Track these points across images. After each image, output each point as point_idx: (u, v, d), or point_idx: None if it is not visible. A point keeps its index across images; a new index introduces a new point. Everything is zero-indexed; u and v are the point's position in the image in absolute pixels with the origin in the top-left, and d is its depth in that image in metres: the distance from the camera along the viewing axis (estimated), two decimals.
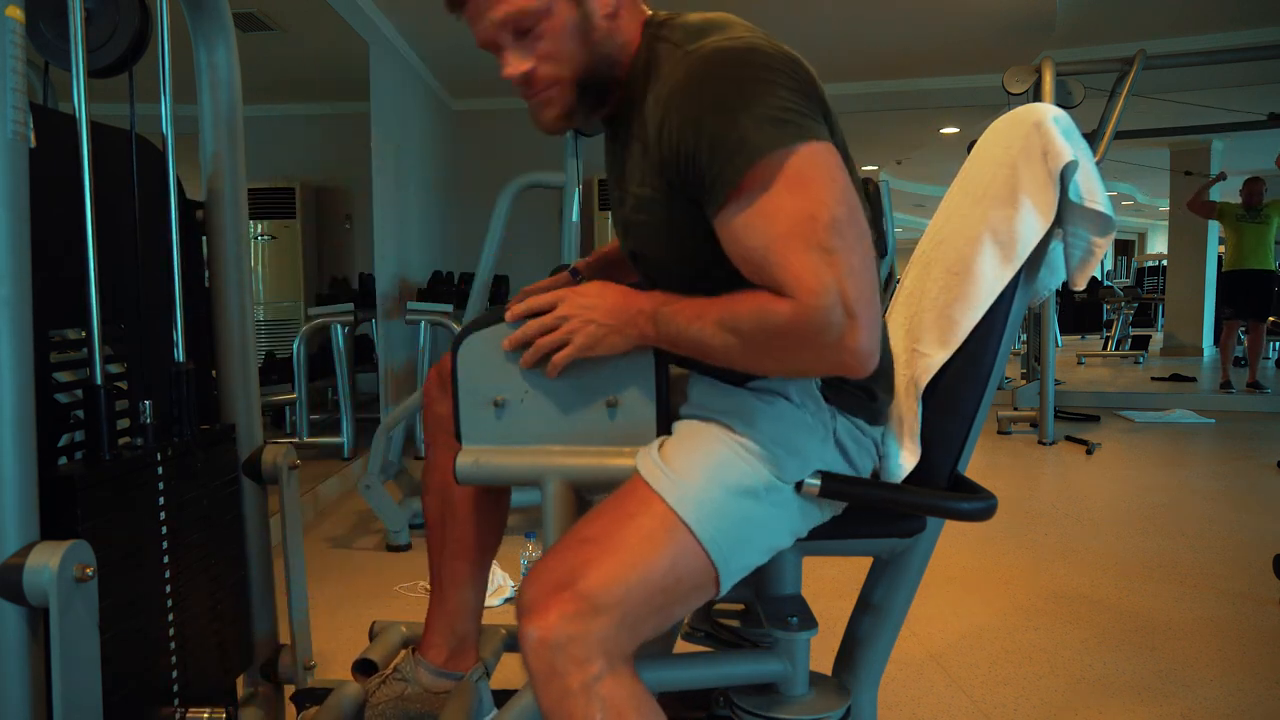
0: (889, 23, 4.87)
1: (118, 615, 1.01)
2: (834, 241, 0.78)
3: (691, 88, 0.83)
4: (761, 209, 0.80)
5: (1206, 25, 5.16)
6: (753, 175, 0.79)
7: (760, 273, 0.81)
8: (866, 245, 0.80)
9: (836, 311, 0.77)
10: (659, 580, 0.84)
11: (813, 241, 0.78)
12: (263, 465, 1.33)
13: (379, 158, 4.50)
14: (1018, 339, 7.10)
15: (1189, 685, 1.82)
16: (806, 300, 0.77)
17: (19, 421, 0.84)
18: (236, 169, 1.33)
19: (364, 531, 3.09)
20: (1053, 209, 0.97)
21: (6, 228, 0.83)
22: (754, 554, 0.92)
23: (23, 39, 0.84)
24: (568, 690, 0.79)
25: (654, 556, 0.84)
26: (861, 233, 0.81)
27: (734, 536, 0.88)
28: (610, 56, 0.92)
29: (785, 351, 0.82)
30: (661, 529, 0.86)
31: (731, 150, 0.80)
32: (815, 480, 0.93)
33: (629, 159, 0.96)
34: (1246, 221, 6.00)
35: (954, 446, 1.02)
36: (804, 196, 0.79)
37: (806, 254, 0.78)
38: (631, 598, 0.82)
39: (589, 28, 0.90)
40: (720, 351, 0.86)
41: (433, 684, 1.19)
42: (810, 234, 0.78)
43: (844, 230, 0.79)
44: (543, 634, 0.79)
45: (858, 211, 0.82)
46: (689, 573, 0.86)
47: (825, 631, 1.15)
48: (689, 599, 0.89)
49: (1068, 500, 3.42)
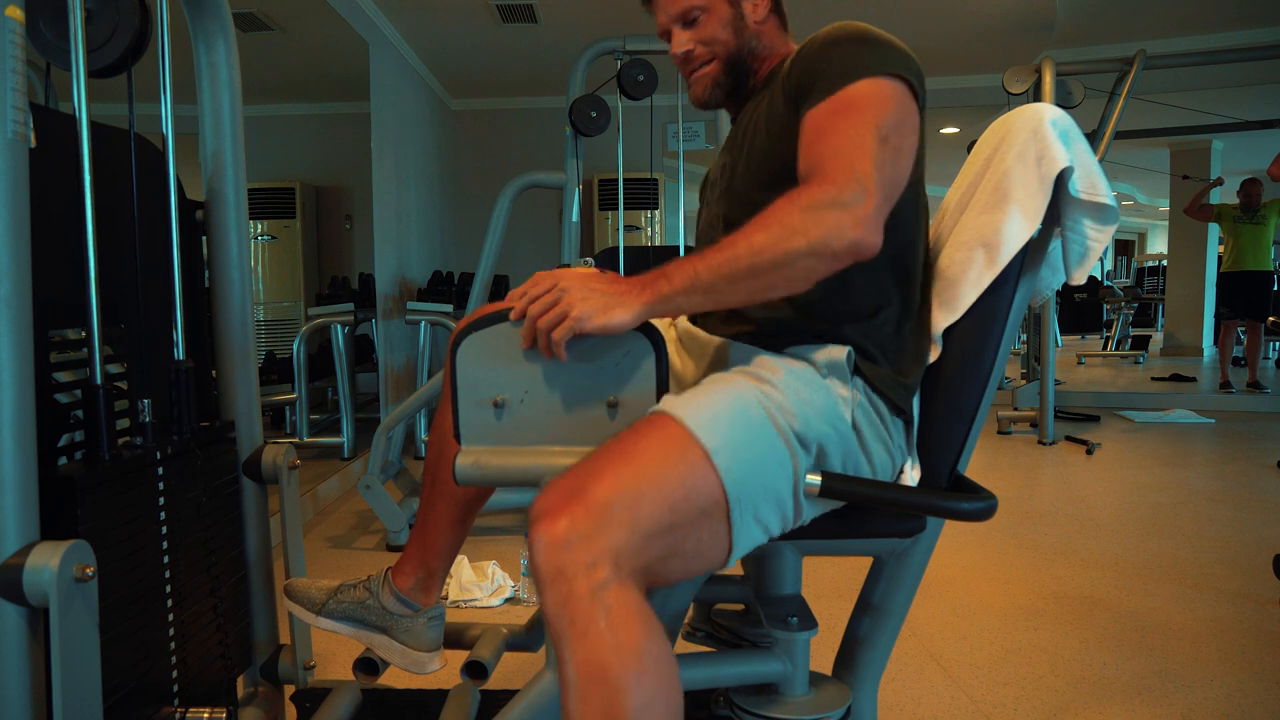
0: (889, 23, 4.85)
1: (118, 615, 1.01)
2: (878, 147, 0.92)
3: (823, 38, 1.03)
4: (843, 108, 0.96)
5: (1206, 25, 5.16)
6: (852, 87, 0.96)
7: (814, 155, 0.94)
8: (901, 164, 0.96)
9: (858, 188, 0.89)
10: (670, 495, 0.85)
11: (862, 141, 0.92)
12: (263, 465, 1.33)
13: (379, 158, 4.50)
14: (1018, 339, 7.10)
15: (1189, 685, 1.82)
16: (838, 175, 0.90)
17: (19, 421, 0.84)
18: (236, 169, 1.33)
19: (364, 531, 3.09)
20: (1040, 214, 0.97)
21: (6, 228, 0.83)
22: (765, 498, 0.91)
23: (23, 39, 0.84)
24: (573, 594, 0.79)
25: (667, 470, 0.86)
26: (901, 157, 0.96)
27: (748, 469, 0.89)
28: (754, 51, 1.16)
29: (812, 220, 0.88)
30: (676, 447, 0.87)
31: (844, 69, 0.98)
32: (815, 479, 0.93)
33: (757, 120, 1.12)
34: (1244, 223, 5.99)
35: (954, 446, 1.02)
36: (875, 112, 0.95)
37: (852, 146, 0.92)
38: (642, 508, 0.83)
39: (741, 25, 1.15)
40: (749, 255, 0.88)
41: (392, 606, 1.23)
42: (865, 136, 0.93)
43: (889, 144, 0.93)
44: (552, 537, 0.80)
45: (907, 146, 0.97)
46: (699, 494, 0.87)
47: (825, 631, 1.15)
48: (699, 527, 0.88)
49: (1068, 500, 3.42)
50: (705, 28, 1.14)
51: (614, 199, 6.15)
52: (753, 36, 1.15)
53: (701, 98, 1.19)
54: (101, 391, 1.00)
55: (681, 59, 1.17)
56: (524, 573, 2.41)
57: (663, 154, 6.24)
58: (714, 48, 1.15)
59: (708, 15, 1.14)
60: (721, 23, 1.14)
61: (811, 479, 0.94)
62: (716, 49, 1.15)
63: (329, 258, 4.38)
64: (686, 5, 1.14)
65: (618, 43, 3.24)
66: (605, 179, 6.18)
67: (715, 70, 1.17)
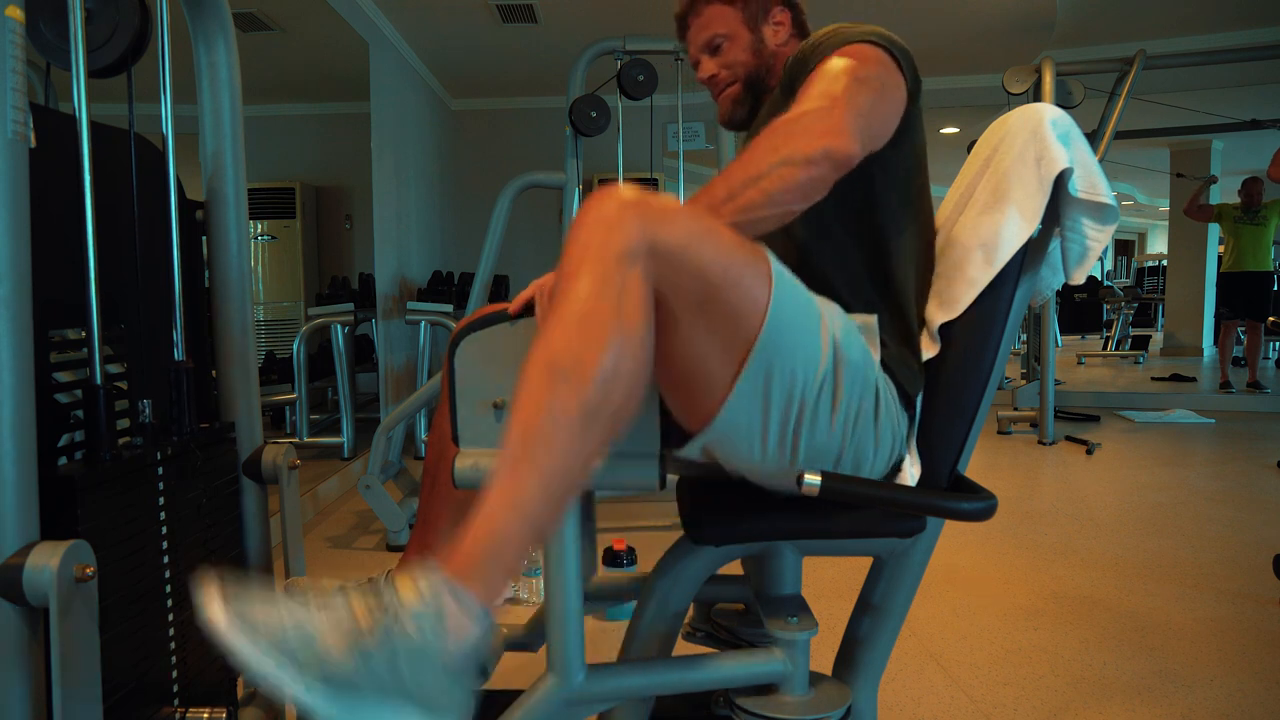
0: (889, 24, 4.83)
1: (118, 615, 1.01)
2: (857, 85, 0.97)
3: (813, 38, 1.10)
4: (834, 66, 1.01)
5: (1206, 25, 5.16)
6: (845, 49, 1.03)
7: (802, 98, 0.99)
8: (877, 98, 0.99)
9: (826, 100, 0.95)
10: (725, 260, 0.84)
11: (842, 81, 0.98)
12: (263, 465, 1.33)
13: (379, 158, 4.50)
14: (1018, 339, 7.10)
15: (1189, 685, 1.82)
16: (807, 100, 0.97)
17: (19, 421, 0.84)
18: (237, 169, 1.33)
19: (364, 531, 3.09)
20: (1038, 215, 0.97)
21: (6, 228, 0.83)
22: (784, 366, 0.89)
23: (23, 39, 0.84)
24: (607, 244, 0.79)
25: (732, 247, 0.86)
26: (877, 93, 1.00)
27: (789, 326, 0.88)
28: (772, 69, 1.25)
29: (778, 134, 0.92)
30: (754, 257, 0.88)
31: (839, 41, 1.04)
32: (816, 478, 0.93)
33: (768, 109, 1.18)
34: (1245, 223, 5.97)
35: (954, 446, 1.02)
36: (861, 65, 1.00)
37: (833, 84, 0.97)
38: (695, 243, 0.83)
39: (760, 48, 1.24)
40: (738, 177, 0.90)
41: None
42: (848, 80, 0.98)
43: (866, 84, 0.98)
44: (602, 213, 0.82)
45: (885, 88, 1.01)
46: (746, 290, 0.86)
47: (825, 631, 1.15)
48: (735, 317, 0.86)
49: (1068, 500, 3.42)
50: (728, 53, 1.24)
51: None
52: (771, 57, 1.25)
53: (727, 116, 1.28)
54: (101, 392, 1.00)
55: (708, 83, 1.27)
56: (524, 572, 2.41)
57: (663, 154, 6.24)
58: (735, 70, 1.25)
59: (730, 42, 1.24)
60: (742, 47, 1.24)
61: (811, 479, 0.94)
62: (737, 70, 1.25)
63: (329, 258, 4.38)
64: (711, 34, 1.24)
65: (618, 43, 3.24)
66: (605, 179, 6.18)
67: (737, 90, 1.26)
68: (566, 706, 0.96)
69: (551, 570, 0.95)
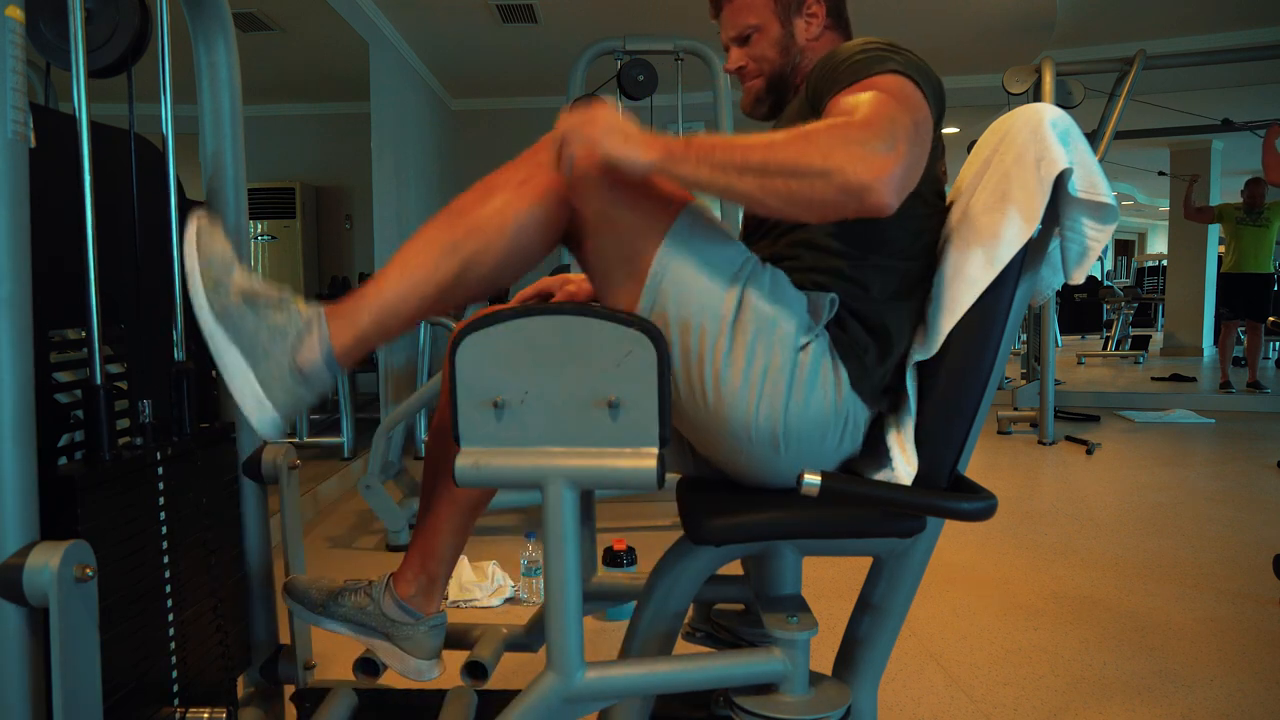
0: (889, 23, 4.87)
1: (118, 615, 1.01)
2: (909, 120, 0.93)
3: (849, 46, 1.07)
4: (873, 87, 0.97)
5: (1206, 25, 5.16)
6: (872, 79, 0.98)
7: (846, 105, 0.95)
8: (924, 148, 0.95)
9: (891, 139, 0.89)
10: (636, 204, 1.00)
11: (893, 111, 0.93)
12: (263, 465, 1.33)
13: (379, 158, 4.50)
14: (1018, 339, 7.10)
15: (1189, 685, 1.82)
16: (876, 122, 0.90)
17: (19, 421, 0.84)
18: (236, 169, 1.33)
19: (364, 531, 3.09)
20: (1038, 216, 0.97)
21: (6, 228, 0.83)
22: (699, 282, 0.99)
23: (23, 39, 0.84)
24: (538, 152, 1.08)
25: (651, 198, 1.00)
26: (923, 142, 0.95)
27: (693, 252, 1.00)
28: (799, 67, 1.23)
29: (833, 140, 0.89)
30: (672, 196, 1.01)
31: (863, 65, 1.00)
32: (815, 478, 0.93)
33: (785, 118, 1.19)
34: (1247, 224, 5.96)
35: (954, 446, 1.02)
36: (899, 98, 0.95)
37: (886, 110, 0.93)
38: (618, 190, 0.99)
39: (789, 43, 1.22)
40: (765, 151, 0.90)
41: (393, 613, 1.21)
42: (895, 111, 0.93)
43: (918, 127, 0.93)
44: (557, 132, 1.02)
45: (926, 138, 0.96)
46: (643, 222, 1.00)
47: (825, 631, 1.15)
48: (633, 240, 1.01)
49: (1068, 500, 3.42)
50: (756, 46, 1.23)
51: None
52: (799, 53, 1.22)
53: (748, 108, 1.29)
54: (101, 392, 1.00)
55: (735, 73, 1.27)
56: (524, 572, 2.41)
57: None
58: (761, 65, 1.23)
59: (760, 34, 1.22)
60: (770, 41, 1.22)
61: (810, 479, 0.94)
62: (764, 66, 1.23)
63: (329, 258, 4.38)
64: (742, 24, 1.23)
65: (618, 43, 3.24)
66: None
67: (760, 86, 1.25)
68: (566, 704, 0.96)
69: (551, 570, 0.95)
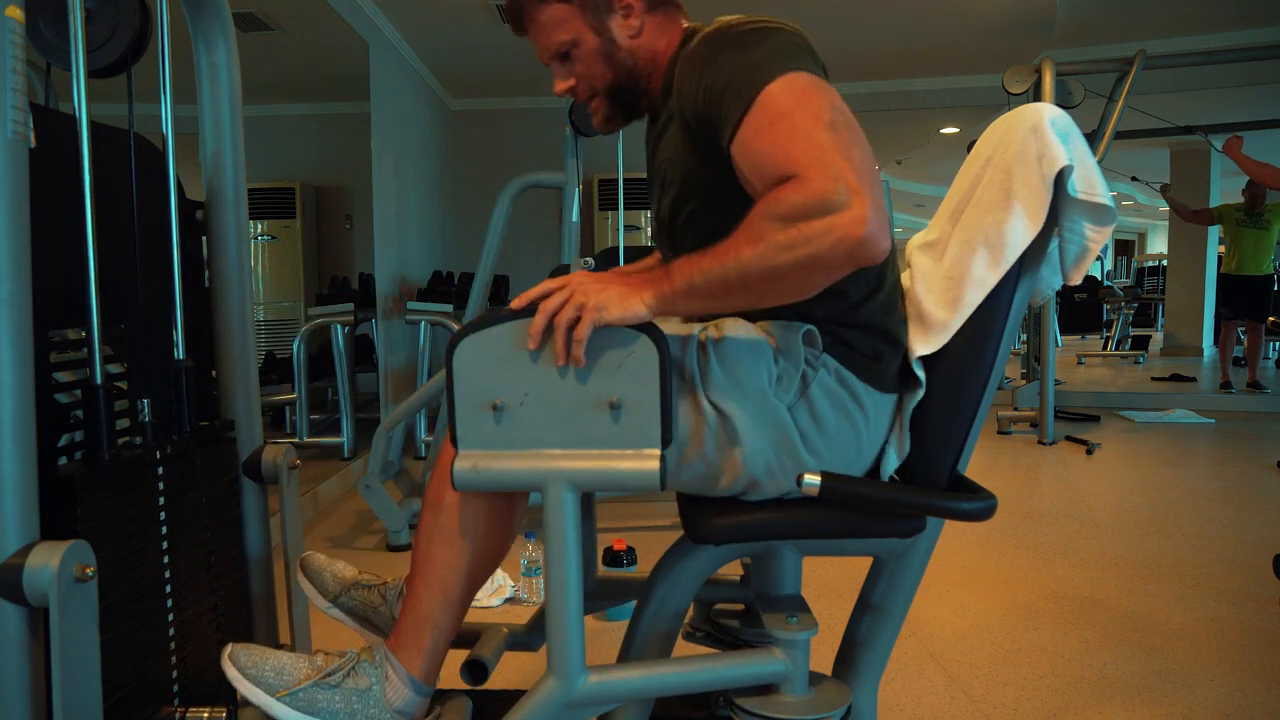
0: (889, 23, 4.87)
1: (118, 615, 1.01)
2: (834, 136, 0.87)
3: (703, 48, 0.98)
4: (771, 119, 0.90)
5: (1206, 25, 5.16)
6: (763, 96, 0.90)
7: (770, 171, 0.89)
8: (864, 146, 0.88)
9: (840, 186, 0.83)
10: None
11: (815, 137, 0.87)
12: (263, 465, 1.33)
13: (379, 158, 4.50)
14: (1018, 339, 7.10)
15: (1189, 685, 1.82)
16: (811, 174, 0.84)
17: (19, 421, 0.84)
18: (236, 169, 1.33)
19: (364, 531, 3.09)
20: (1043, 214, 0.97)
21: (6, 228, 0.83)
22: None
23: (23, 39, 0.84)
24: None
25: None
26: (859, 138, 0.89)
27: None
28: (636, 69, 1.11)
29: (800, 234, 0.84)
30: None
31: (741, 80, 0.92)
32: (815, 478, 0.93)
33: (665, 137, 1.10)
34: (1248, 225, 5.94)
35: (954, 446, 1.02)
36: (807, 108, 0.89)
37: (809, 144, 0.86)
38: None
39: (613, 49, 1.09)
40: (738, 271, 0.88)
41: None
42: (813, 130, 0.87)
43: (841, 130, 0.87)
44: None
45: (854, 124, 0.90)
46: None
47: (825, 631, 1.15)
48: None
49: (1068, 500, 3.42)
50: (579, 62, 1.10)
51: (614, 199, 6.15)
52: (628, 57, 1.10)
53: (601, 129, 1.19)
54: (101, 391, 1.00)
55: (567, 95, 1.14)
56: (524, 572, 2.41)
57: None
58: (592, 82, 1.12)
59: (578, 49, 1.09)
60: (592, 55, 1.10)
61: (810, 479, 0.94)
62: (595, 83, 1.12)
63: (329, 258, 4.38)
64: (554, 44, 1.10)
65: None
66: (605, 179, 6.17)
67: (602, 105, 1.14)
68: (567, 709, 0.96)
69: (551, 570, 0.95)
